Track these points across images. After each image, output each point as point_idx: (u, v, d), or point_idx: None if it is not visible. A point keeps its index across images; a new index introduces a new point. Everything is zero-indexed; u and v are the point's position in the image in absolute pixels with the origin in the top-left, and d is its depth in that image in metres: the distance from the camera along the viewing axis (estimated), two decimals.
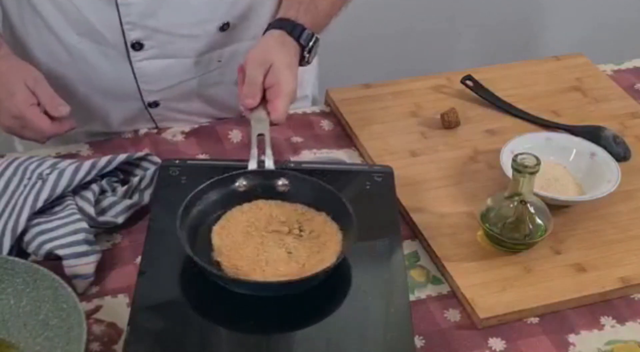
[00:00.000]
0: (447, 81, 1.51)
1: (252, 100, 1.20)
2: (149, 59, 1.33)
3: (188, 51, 1.35)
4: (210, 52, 1.36)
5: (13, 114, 1.21)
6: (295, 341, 1.03)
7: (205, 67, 1.38)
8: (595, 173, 1.27)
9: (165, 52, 1.33)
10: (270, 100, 1.21)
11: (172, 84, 1.37)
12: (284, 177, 1.15)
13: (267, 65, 1.20)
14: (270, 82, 1.20)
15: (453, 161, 1.33)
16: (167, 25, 1.30)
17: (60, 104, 1.22)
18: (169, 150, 1.34)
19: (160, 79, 1.36)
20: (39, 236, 1.12)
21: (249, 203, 1.13)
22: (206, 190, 1.11)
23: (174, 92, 1.39)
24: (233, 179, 1.14)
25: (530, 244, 1.17)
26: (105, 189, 1.20)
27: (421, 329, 1.08)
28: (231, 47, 1.38)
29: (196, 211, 1.10)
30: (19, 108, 1.20)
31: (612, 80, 1.54)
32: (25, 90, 1.20)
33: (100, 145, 1.36)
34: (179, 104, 1.41)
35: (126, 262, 1.15)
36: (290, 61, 1.23)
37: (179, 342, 1.00)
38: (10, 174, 1.19)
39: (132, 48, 1.31)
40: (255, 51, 1.23)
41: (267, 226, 1.11)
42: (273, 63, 1.21)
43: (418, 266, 1.17)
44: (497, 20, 2.70)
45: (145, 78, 1.35)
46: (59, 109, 1.21)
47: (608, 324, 1.11)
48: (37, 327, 1.01)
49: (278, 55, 1.22)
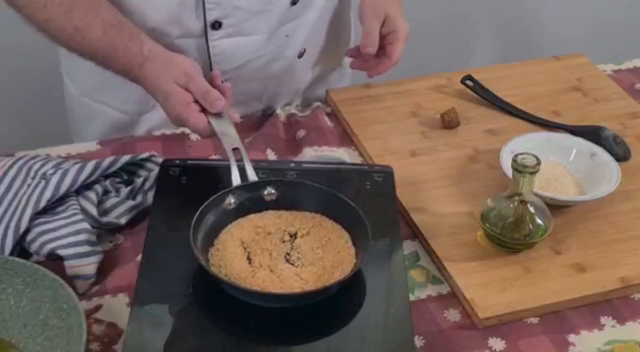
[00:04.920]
0: (447, 81, 1.51)
1: (372, 48, 1.35)
2: (225, 37, 1.35)
3: (261, 28, 1.37)
4: (280, 27, 1.39)
5: (172, 116, 1.18)
6: (295, 340, 1.03)
7: (275, 43, 1.40)
8: (595, 173, 1.27)
9: (241, 30, 1.35)
10: (388, 45, 1.36)
11: (243, 62, 1.39)
12: (270, 186, 1.14)
13: (382, 16, 1.37)
14: (388, 30, 1.36)
15: (453, 161, 1.33)
16: (246, 3, 1.32)
17: (215, 99, 1.16)
18: (180, 151, 1.34)
19: (233, 58, 1.38)
20: (41, 236, 1.12)
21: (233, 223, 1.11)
22: (202, 214, 1.08)
23: (242, 71, 1.40)
24: (223, 198, 1.12)
25: (530, 244, 1.17)
26: (109, 190, 1.20)
27: (421, 329, 1.08)
28: (297, 21, 1.41)
29: (200, 237, 1.07)
30: (176, 110, 1.16)
31: (612, 80, 1.54)
32: (177, 91, 1.16)
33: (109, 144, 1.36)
34: (242, 84, 1.42)
35: (127, 262, 1.15)
36: (399, 9, 1.39)
37: (179, 343, 1.00)
38: (14, 173, 1.20)
39: (211, 28, 1.33)
40: (367, 5, 1.39)
41: (262, 241, 1.10)
42: (387, 13, 1.37)
43: (418, 266, 1.17)
44: (497, 20, 2.70)
45: (219, 57, 1.36)
46: (215, 104, 1.16)
47: (608, 324, 1.11)
48: (37, 327, 1.01)
49: (389, 6, 1.38)
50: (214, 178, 1.15)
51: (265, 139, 1.38)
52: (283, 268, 1.06)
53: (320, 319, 1.03)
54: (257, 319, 1.02)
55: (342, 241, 1.10)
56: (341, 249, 1.09)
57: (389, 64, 1.37)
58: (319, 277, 1.05)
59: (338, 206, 1.11)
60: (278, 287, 1.03)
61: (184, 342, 1.00)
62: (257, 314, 1.03)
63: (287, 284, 1.04)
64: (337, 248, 1.09)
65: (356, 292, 1.06)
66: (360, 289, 1.06)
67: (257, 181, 1.14)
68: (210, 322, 1.04)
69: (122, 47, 1.20)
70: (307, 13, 1.42)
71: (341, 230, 1.11)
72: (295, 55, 1.44)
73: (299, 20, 1.41)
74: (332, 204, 1.12)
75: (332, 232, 1.11)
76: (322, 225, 1.12)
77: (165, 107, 1.18)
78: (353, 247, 1.09)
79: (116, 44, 1.20)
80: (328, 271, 1.06)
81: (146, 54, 1.20)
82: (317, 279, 1.05)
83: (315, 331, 1.03)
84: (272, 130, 1.40)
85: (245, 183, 1.13)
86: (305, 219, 1.13)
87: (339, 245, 1.09)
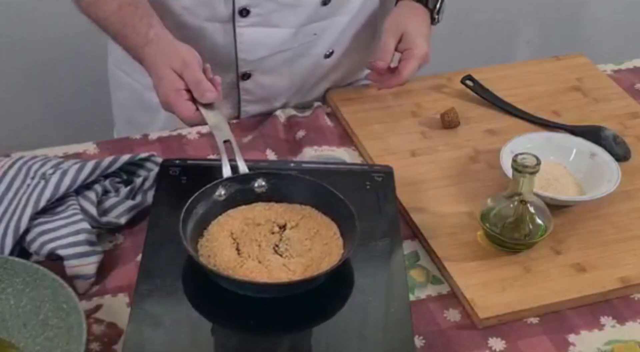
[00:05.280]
0: (447, 81, 1.51)
1: (381, 62, 1.38)
2: (252, 26, 1.36)
3: (289, 21, 1.39)
4: (309, 24, 1.41)
5: (161, 100, 1.19)
6: (296, 341, 1.03)
7: (301, 38, 1.42)
8: (595, 173, 1.27)
9: (269, 21, 1.37)
10: (402, 61, 1.38)
11: (268, 53, 1.41)
12: (260, 178, 1.15)
13: (400, 33, 1.38)
14: (403, 47, 1.38)
15: (453, 161, 1.33)
16: None
17: (206, 90, 1.16)
18: (177, 150, 1.34)
19: (258, 47, 1.40)
20: (41, 236, 1.12)
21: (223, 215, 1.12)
22: (192, 205, 1.09)
23: (267, 62, 1.42)
24: (213, 190, 1.12)
25: (530, 244, 1.17)
26: (109, 190, 1.20)
27: (421, 329, 1.08)
28: (327, 21, 1.43)
29: (189, 228, 1.08)
30: (166, 95, 1.17)
31: (612, 80, 1.54)
32: (171, 75, 1.17)
33: (108, 145, 1.36)
34: (267, 77, 1.44)
35: (127, 261, 1.15)
36: (421, 27, 1.41)
37: (179, 343, 1.00)
38: (14, 173, 1.20)
39: (239, 14, 1.34)
40: (390, 21, 1.41)
41: (251, 232, 1.10)
42: (405, 30, 1.38)
43: (418, 266, 1.17)
44: (497, 20, 2.70)
45: (245, 46, 1.38)
46: (205, 95, 1.16)
47: (608, 324, 1.11)
48: (37, 327, 1.01)
49: (410, 23, 1.39)
50: (213, 178, 1.15)
51: (265, 139, 1.38)
52: (271, 259, 1.06)
53: (320, 318, 1.04)
54: (257, 316, 1.03)
55: (330, 233, 1.10)
56: (329, 241, 1.09)
57: (399, 79, 1.38)
58: (306, 268, 1.05)
59: (327, 198, 1.12)
60: (266, 277, 1.04)
61: (184, 341, 1.00)
62: (257, 309, 1.03)
63: (275, 274, 1.04)
64: (325, 240, 1.09)
65: (356, 292, 1.06)
66: (360, 289, 1.06)
67: (247, 173, 1.15)
68: (211, 321, 1.04)
69: (131, 25, 1.23)
70: (339, 15, 1.43)
71: (330, 222, 1.12)
72: (322, 55, 1.46)
73: (329, 21, 1.43)
74: (321, 196, 1.13)
75: (321, 224, 1.11)
76: (311, 217, 1.12)
77: (157, 91, 1.20)
78: (341, 238, 1.09)
79: (126, 21, 1.24)
80: (316, 261, 1.06)
81: (151, 36, 1.22)
82: (305, 269, 1.05)
83: (315, 330, 1.03)
84: (272, 131, 1.40)
85: (235, 175, 1.14)
86: (295, 211, 1.13)
87: (328, 237, 1.10)
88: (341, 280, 1.06)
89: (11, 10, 2.13)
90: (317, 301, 1.04)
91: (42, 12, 2.13)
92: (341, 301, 1.05)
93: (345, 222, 1.09)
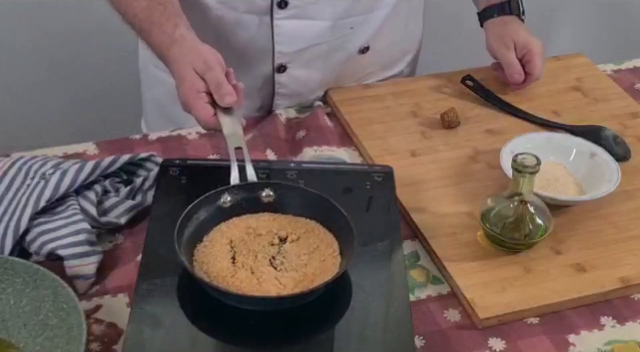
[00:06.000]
0: (447, 81, 1.51)
1: (518, 75, 1.45)
2: (289, 18, 1.38)
3: (326, 14, 1.40)
4: (345, 19, 1.42)
5: (181, 101, 1.18)
6: (296, 341, 1.03)
7: (338, 32, 1.43)
8: (595, 173, 1.27)
9: (306, 13, 1.38)
10: (527, 63, 1.45)
11: (304, 46, 1.42)
12: (268, 188, 1.14)
13: (511, 44, 1.45)
14: (522, 52, 1.45)
15: (453, 161, 1.33)
16: None
17: (226, 93, 1.14)
18: (177, 150, 1.34)
19: (295, 40, 1.41)
20: (41, 236, 1.12)
21: (226, 222, 1.11)
22: (194, 210, 1.09)
23: (303, 55, 1.43)
24: (218, 196, 1.11)
25: (530, 244, 1.17)
26: (109, 190, 1.20)
27: (421, 329, 1.08)
28: (364, 16, 1.44)
29: (188, 233, 1.07)
30: (185, 96, 1.16)
31: (612, 80, 1.55)
32: (192, 77, 1.16)
33: (107, 145, 1.36)
34: (303, 70, 1.45)
35: (127, 261, 1.15)
36: (521, 30, 1.48)
37: (179, 343, 1.00)
38: (14, 173, 1.20)
39: (277, 6, 1.36)
40: (493, 39, 1.49)
41: (250, 242, 1.09)
42: (514, 39, 1.45)
43: (418, 266, 1.17)
44: None
45: (282, 38, 1.40)
46: (225, 98, 1.14)
47: (608, 324, 1.11)
48: (37, 327, 1.01)
49: (513, 32, 1.47)
50: (213, 178, 1.15)
51: (265, 139, 1.38)
52: (264, 271, 1.05)
53: (320, 318, 1.04)
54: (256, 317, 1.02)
55: (330, 250, 1.08)
56: (327, 258, 1.07)
57: (532, 79, 1.46)
58: (297, 283, 1.04)
59: (331, 214, 1.10)
60: (255, 289, 1.02)
61: (184, 342, 1.00)
62: (255, 313, 1.03)
63: (265, 287, 1.03)
64: (323, 256, 1.07)
65: (357, 293, 1.06)
66: (361, 289, 1.06)
67: (255, 181, 1.14)
68: (211, 320, 1.03)
69: (158, 24, 1.23)
70: (376, 10, 1.45)
71: (332, 239, 1.10)
72: (357, 50, 1.47)
73: (367, 16, 1.44)
74: (326, 212, 1.11)
75: (323, 240, 1.10)
76: (314, 232, 1.11)
77: (178, 91, 1.19)
78: (339, 256, 1.08)
79: (153, 19, 1.24)
80: (309, 277, 1.04)
81: (176, 36, 1.22)
82: (296, 285, 1.03)
83: (315, 330, 1.03)
84: (272, 130, 1.40)
85: (243, 183, 1.13)
86: (299, 224, 1.12)
87: (326, 254, 1.08)
88: (341, 280, 1.06)
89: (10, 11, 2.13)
90: (318, 299, 1.04)
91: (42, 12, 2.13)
92: (341, 301, 1.05)
93: (345, 240, 1.08)
